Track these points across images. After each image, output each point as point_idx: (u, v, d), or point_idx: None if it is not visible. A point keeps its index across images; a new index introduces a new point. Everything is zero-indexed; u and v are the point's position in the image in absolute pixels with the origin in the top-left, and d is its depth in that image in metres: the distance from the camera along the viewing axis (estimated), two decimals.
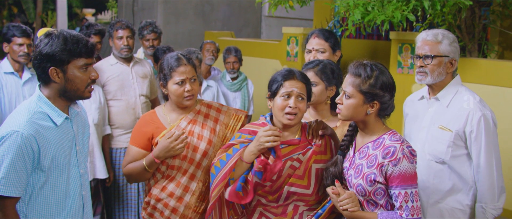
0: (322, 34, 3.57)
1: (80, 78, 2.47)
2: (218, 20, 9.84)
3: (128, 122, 4.48)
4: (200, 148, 2.98)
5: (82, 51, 2.45)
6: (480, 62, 4.69)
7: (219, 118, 3.10)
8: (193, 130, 3.00)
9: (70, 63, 2.43)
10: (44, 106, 2.47)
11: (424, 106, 3.11)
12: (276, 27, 10.19)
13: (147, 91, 4.61)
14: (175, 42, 7.50)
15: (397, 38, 5.35)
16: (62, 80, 2.45)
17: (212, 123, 3.06)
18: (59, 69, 2.43)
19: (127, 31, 4.50)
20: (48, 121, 2.47)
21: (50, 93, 2.50)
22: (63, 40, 2.41)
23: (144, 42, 5.14)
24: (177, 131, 2.90)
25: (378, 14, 4.60)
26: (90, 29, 4.81)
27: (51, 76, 2.43)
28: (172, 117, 3.05)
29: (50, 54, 2.39)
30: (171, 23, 9.22)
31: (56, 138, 2.47)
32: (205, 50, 5.63)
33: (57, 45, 2.40)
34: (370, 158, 2.47)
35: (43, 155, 2.41)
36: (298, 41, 6.66)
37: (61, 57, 2.40)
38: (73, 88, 2.48)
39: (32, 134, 2.37)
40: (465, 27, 5.20)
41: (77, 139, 2.63)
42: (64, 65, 2.43)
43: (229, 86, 5.55)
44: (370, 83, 2.44)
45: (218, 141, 3.03)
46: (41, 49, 2.41)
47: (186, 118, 3.03)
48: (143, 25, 5.14)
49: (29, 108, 2.46)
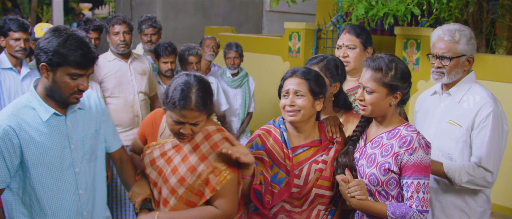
0: (353, 30, 3.55)
1: (66, 84, 2.40)
2: (219, 15, 9.84)
3: (127, 120, 4.48)
4: (169, 182, 2.58)
5: (76, 60, 2.34)
6: (487, 58, 4.70)
7: (209, 156, 2.55)
8: (173, 158, 2.59)
9: (60, 67, 2.35)
10: (33, 100, 2.45)
11: (436, 101, 3.13)
12: (277, 22, 10.18)
13: (146, 88, 4.61)
14: (174, 38, 7.49)
15: (402, 33, 5.36)
16: (49, 79, 2.40)
17: (195, 159, 2.54)
18: (49, 67, 2.37)
19: (124, 26, 4.50)
20: (34, 116, 2.44)
21: (42, 89, 2.47)
22: (63, 41, 2.32)
23: (142, 37, 5.14)
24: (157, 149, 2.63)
25: (382, 8, 4.61)
26: (88, 24, 4.80)
27: (41, 70, 2.39)
28: (167, 131, 2.67)
29: (44, 50, 2.34)
30: (171, 18, 9.22)
31: (42, 134, 2.44)
32: (205, 46, 5.63)
33: (53, 44, 2.32)
34: (384, 147, 2.54)
35: (25, 150, 2.40)
36: (300, 37, 6.67)
37: (52, 58, 2.33)
38: (57, 91, 2.42)
39: (11, 126, 2.36)
40: (472, 21, 5.21)
41: (71, 137, 2.55)
42: (54, 66, 2.36)
43: (229, 83, 5.55)
44: (391, 75, 2.51)
45: (196, 182, 2.53)
46: (40, 41, 2.37)
47: (174, 141, 2.61)
48: (142, 20, 5.13)
49: (17, 102, 2.47)
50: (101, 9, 20.15)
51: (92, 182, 2.71)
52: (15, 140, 2.37)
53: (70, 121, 2.56)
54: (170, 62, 4.79)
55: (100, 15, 18.86)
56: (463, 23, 5.10)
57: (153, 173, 2.63)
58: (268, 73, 6.89)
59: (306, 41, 6.66)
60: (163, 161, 2.60)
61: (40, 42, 2.36)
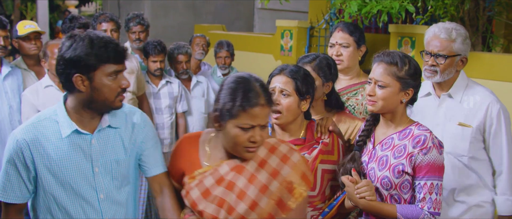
0: (347, 28, 3.55)
1: (109, 87, 2.22)
2: (209, 12, 9.82)
3: None
4: (236, 210, 2.22)
5: (111, 55, 2.20)
6: (484, 56, 4.70)
7: (281, 170, 2.29)
8: (236, 182, 2.26)
9: (98, 69, 2.19)
10: (59, 113, 2.29)
11: (433, 103, 3.13)
12: (269, 20, 10.17)
13: (133, 88, 4.59)
14: (164, 36, 7.45)
15: (396, 31, 5.36)
16: (88, 89, 2.21)
17: (266, 176, 2.26)
18: (84, 76, 2.19)
19: (111, 24, 4.48)
20: (55, 130, 2.27)
21: (74, 103, 2.28)
22: (89, 42, 2.17)
23: (130, 35, 5.10)
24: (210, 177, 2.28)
25: (375, 5, 4.61)
26: (73, 22, 4.76)
27: (75, 84, 2.19)
28: (215, 154, 2.36)
29: (74, 59, 2.16)
30: (160, 16, 9.19)
31: (60, 151, 2.26)
32: (194, 44, 5.62)
33: (82, 49, 2.16)
34: (396, 148, 2.52)
35: (38, 165, 2.26)
36: (292, 35, 6.66)
37: (88, 62, 2.16)
38: (101, 98, 2.23)
39: (25, 139, 2.23)
40: (468, 19, 5.21)
41: (96, 159, 2.32)
42: (90, 72, 2.18)
43: (220, 83, 5.53)
44: (406, 69, 2.51)
45: (268, 205, 2.24)
46: (63, 53, 2.18)
47: (231, 162, 2.30)
48: (129, 17, 5.11)
49: (42, 113, 2.32)
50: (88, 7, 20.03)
51: (124, 211, 2.46)
52: (27, 153, 2.25)
53: (96, 140, 2.34)
54: (160, 61, 4.78)
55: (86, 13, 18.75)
56: (459, 20, 5.13)
57: (209, 206, 2.25)
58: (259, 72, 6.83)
59: (298, 39, 6.65)
60: (222, 189, 2.25)
61: (64, 54, 2.18)
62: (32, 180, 2.30)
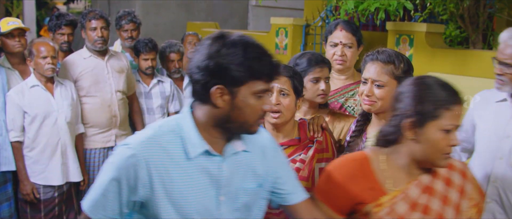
0: (350, 27, 3.48)
1: (252, 108, 1.85)
2: (202, 10, 9.78)
3: (104, 121, 4.43)
4: None
5: (264, 71, 1.83)
6: (484, 54, 4.67)
7: (465, 187, 2.15)
8: (430, 205, 2.08)
9: (245, 85, 1.81)
10: (185, 127, 1.91)
11: (508, 112, 2.78)
12: (264, 18, 10.14)
13: (123, 87, 4.55)
14: (155, 34, 7.42)
15: (394, 29, 5.33)
16: (227, 105, 1.84)
17: (456, 196, 2.11)
18: (227, 90, 1.82)
19: (102, 21, 4.44)
20: (179, 147, 1.89)
21: (204, 117, 1.90)
22: (242, 50, 1.80)
23: (121, 33, 5.07)
24: (401, 203, 2.06)
25: (373, 2, 4.59)
26: (60, 19, 4.72)
27: (212, 96, 1.83)
28: (398, 175, 2.12)
29: (220, 67, 1.79)
30: (151, 13, 9.14)
31: (185, 175, 1.89)
32: (187, 42, 5.58)
33: (232, 57, 1.79)
34: None
35: (156, 190, 1.85)
36: (287, 33, 6.63)
37: (236, 75, 1.79)
38: (240, 119, 1.87)
39: (144, 156, 1.83)
40: (468, 16, 5.18)
41: (222, 186, 1.94)
42: (235, 86, 1.81)
43: None
44: (402, 67, 2.52)
45: None
46: (206, 57, 1.82)
47: (419, 183, 2.10)
48: (120, 15, 5.07)
49: (164, 123, 1.94)
50: (77, 4, 19.89)
51: None
52: (142, 173, 1.84)
53: (227, 165, 1.96)
54: (151, 59, 4.75)
55: (75, 10, 18.59)
56: (458, 17, 5.11)
57: None
58: None
59: (293, 37, 6.61)
60: (419, 214, 2.07)
61: (207, 59, 1.81)
62: (131, 204, 1.91)
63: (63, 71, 4.37)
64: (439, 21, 5.81)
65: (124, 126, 4.61)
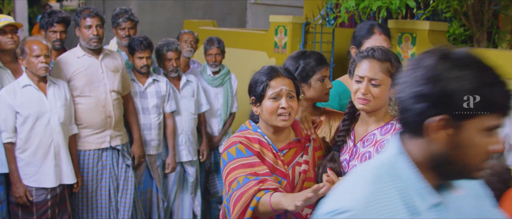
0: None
1: (478, 149, 1.46)
2: (199, 8, 9.76)
3: (98, 121, 4.39)
4: None
5: (499, 102, 1.45)
6: (489, 52, 4.65)
7: None
8: None
9: (475, 118, 1.43)
10: (404, 176, 1.52)
11: None
12: (262, 16, 10.12)
13: (118, 87, 4.51)
14: (151, 33, 7.39)
15: (396, 27, 5.30)
16: (447, 142, 1.47)
17: None
18: (452, 123, 1.44)
19: (97, 19, 4.40)
20: (398, 203, 1.48)
21: (421, 156, 1.52)
22: (479, 72, 1.44)
23: (119, 31, 5.02)
24: None
25: (374, 0, 4.56)
26: (52, 16, 4.66)
27: (429, 129, 1.47)
28: None
29: (447, 93, 1.43)
30: (147, 11, 9.11)
31: None
32: (182, 41, 5.53)
33: (466, 81, 1.42)
34: (379, 143, 2.51)
35: None
36: (287, 31, 6.60)
37: (467, 105, 1.43)
38: (461, 161, 1.48)
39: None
40: (473, 14, 5.16)
41: None
42: (463, 118, 1.43)
43: (210, 81, 5.46)
44: (396, 65, 2.52)
45: None
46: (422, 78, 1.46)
47: None
48: (117, 13, 5.02)
49: (379, 174, 1.52)
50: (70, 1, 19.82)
51: None
52: None
53: (450, 215, 1.57)
54: (146, 57, 4.71)
55: (68, 7, 18.51)
56: (462, 15, 5.08)
57: None
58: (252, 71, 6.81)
59: (293, 35, 6.58)
60: None
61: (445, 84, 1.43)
62: None
63: (56, 70, 4.33)
64: (442, 19, 5.79)
65: (119, 126, 4.57)
